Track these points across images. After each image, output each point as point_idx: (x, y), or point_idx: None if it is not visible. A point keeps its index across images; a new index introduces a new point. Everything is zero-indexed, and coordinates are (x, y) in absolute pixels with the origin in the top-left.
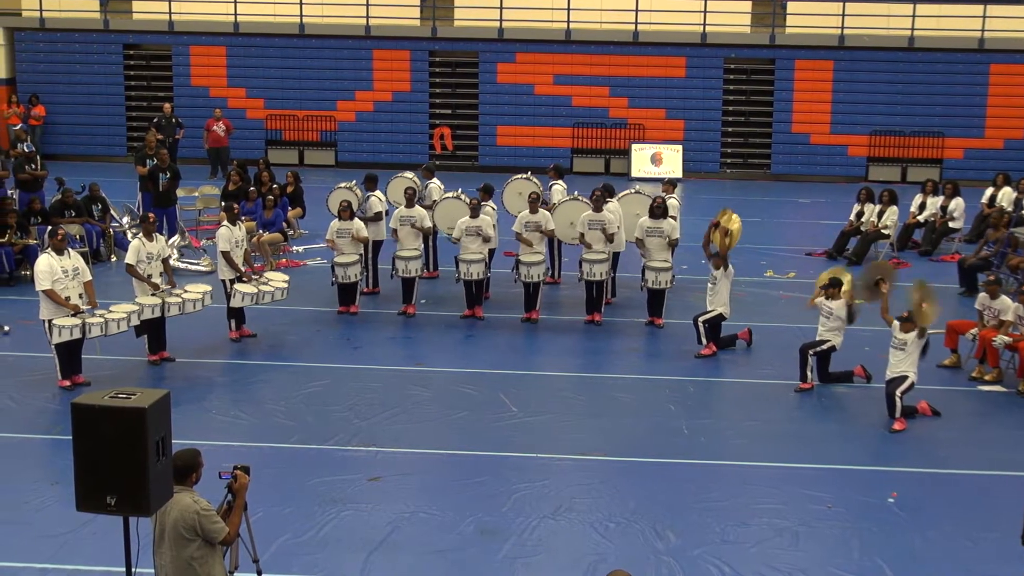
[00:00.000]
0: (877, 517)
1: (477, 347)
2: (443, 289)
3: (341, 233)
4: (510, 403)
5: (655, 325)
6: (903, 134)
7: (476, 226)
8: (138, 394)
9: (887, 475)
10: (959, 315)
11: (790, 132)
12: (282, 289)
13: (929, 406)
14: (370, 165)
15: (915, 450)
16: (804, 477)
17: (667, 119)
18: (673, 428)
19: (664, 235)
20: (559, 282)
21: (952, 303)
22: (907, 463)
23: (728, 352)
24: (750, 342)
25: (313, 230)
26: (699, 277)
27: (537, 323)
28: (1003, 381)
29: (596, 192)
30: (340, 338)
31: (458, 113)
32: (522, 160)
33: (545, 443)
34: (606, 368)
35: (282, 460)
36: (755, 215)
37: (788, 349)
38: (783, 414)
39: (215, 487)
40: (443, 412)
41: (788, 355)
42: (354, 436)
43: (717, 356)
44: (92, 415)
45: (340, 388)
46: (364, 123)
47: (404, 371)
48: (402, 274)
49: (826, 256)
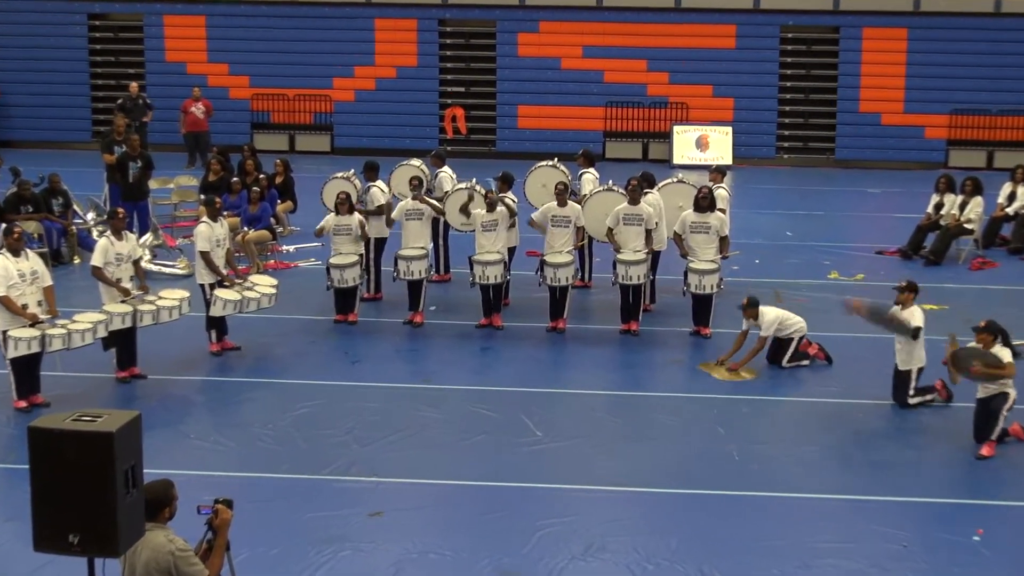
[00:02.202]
0: (961, 558)
1: (495, 361)
2: (455, 294)
3: (338, 230)
4: (533, 426)
5: (701, 335)
6: (989, 113)
7: (493, 221)
8: (105, 416)
9: (972, 509)
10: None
11: (857, 112)
12: (270, 295)
13: (1023, 428)
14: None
15: (1005, 480)
16: (875, 511)
17: (714, 97)
18: (722, 454)
19: (711, 231)
20: (590, 286)
21: None
22: (995, 495)
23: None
24: (827, 358)
25: (305, 227)
26: (751, 280)
27: (564, 333)
28: None
29: (633, 181)
30: (337, 351)
31: (472, 92)
32: (547, 145)
33: (574, 472)
34: (644, 385)
35: (270, 492)
36: (817, 208)
37: (855, 363)
38: (848, 437)
39: (193, 523)
40: (456, 436)
41: (854, 369)
42: (352, 464)
43: (773, 371)
44: (52, 440)
45: (336, 409)
46: (364, 104)
47: (410, 389)
48: (406, 277)
49: (900, 255)
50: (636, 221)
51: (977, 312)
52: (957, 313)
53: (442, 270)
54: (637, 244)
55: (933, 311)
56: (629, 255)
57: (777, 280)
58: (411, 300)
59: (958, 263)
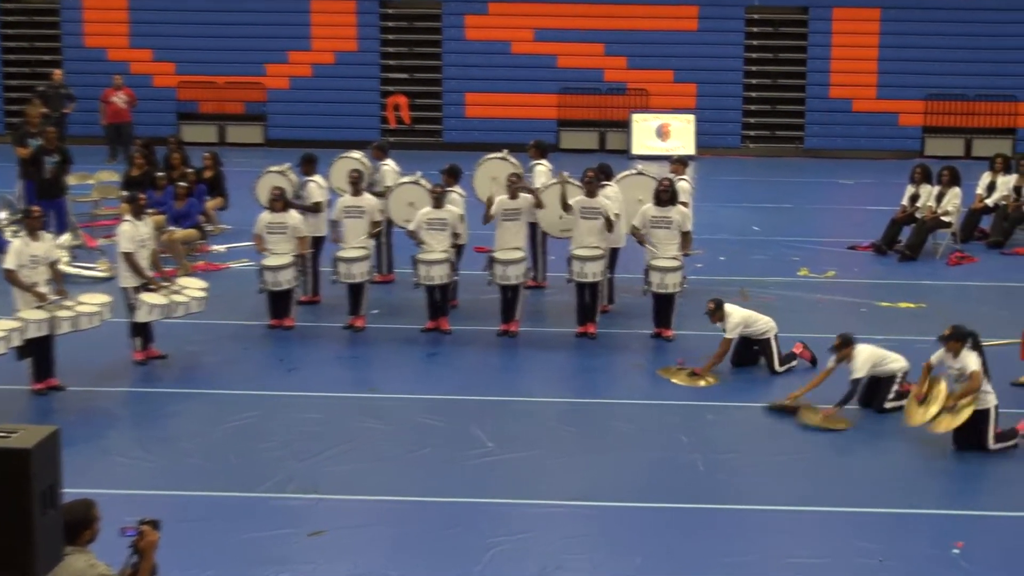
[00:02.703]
0: (940, 573)
1: (443, 368)
2: (399, 296)
3: (272, 228)
4: (484, 437)
5: (663, 338)
6: (967, 98)
7: (440, 218)
8: (20, 432)
9: (951, 520)
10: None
11: (827, 98)
12: (199, 299)
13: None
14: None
15: (985, 489)
16: (851, 523)
17: (675, 83)
18: (686, 464)
19: (673, 226)
20: (544, 286)
21: None
22: (975, 505)
23: (750, 370)
24: (812, 359)
25: (237, 224)
26: (716, 278)
27: (517, 337)
28: None
29: (589, 173)
30: (271, 359)
31: (417, 78)
32: (497, 136)
33: (528, 486)
34: (603, 392)
35: (201, 512)
36: (785, 200)
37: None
38: (821, 445)
39: (116, 547)
40: (401, 449)
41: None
42: (290, 480)
43: (740, 375)
44: None
45: (272, 421)
46: (300, 92)
47: (352, 399)
48: (346, 279)
49: (873, 250)
50: (593, 215)
51: (956, 310)
52: (935, 311)
53: (385, 270)
54: (594, 240)
55: (910, 309)
56: (586, 251)
57: (743, 278)
58: (351, 303)
59: (935, 258)
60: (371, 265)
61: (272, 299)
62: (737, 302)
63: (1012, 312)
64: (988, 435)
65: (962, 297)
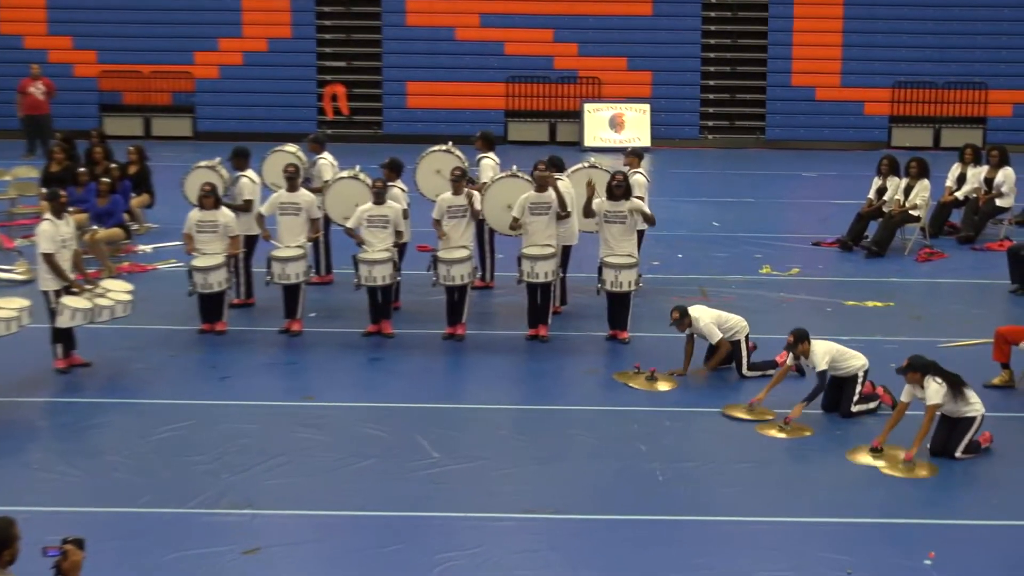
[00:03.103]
0: None
1: (385, 374)
2: (338, 298)
3: (202, 227)
4: (430, 447)
5: (619, 340)
6: (935, 86)
7: (381, 215)
8: None
9: (923, 529)
10: (1012, 319)
11: (789, 86)
12: (124, 302)
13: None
14: (240, 137)
15: (957, 497)
16: (818, 534)
17: (629, 71)
18: (644, 474)
19: (628, 221)
20: (492, 286)
21: (1002, 303)
22: (947, 514)
23: (714, 373)
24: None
25: (165, 223)
26: (673, 276)
27: (464, 340)
28: None
29: (539, 166)
30: (203, 366)
31: (355, 66)
32: (440, 127)
33: (477, 498)
34: (555, 398)
35: (128, 529)
36: (746, 194)
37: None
38: (786, 453)
39: (38, 567)
40: (341, 461)
41: (788, 376)
42: (223, 495)
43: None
44: None
45: (204, 432)
46: (230, 81)
47: (289, 407)
48: (281, 280)
49: (839, 246)
50: (544, 210)
51: (925, 309)
52: (903, 310)
53: (323, 271)
54: (544, 237)
55: (877, 308)
56: (536, 249)
57: (702, 277)
58: (287, 306)
59: (903, 254)
60: (308, 265)
61: (203, 302)
62: (702, 302)
63: (984, 310)
64: (961, 444)
65: (932, 295)
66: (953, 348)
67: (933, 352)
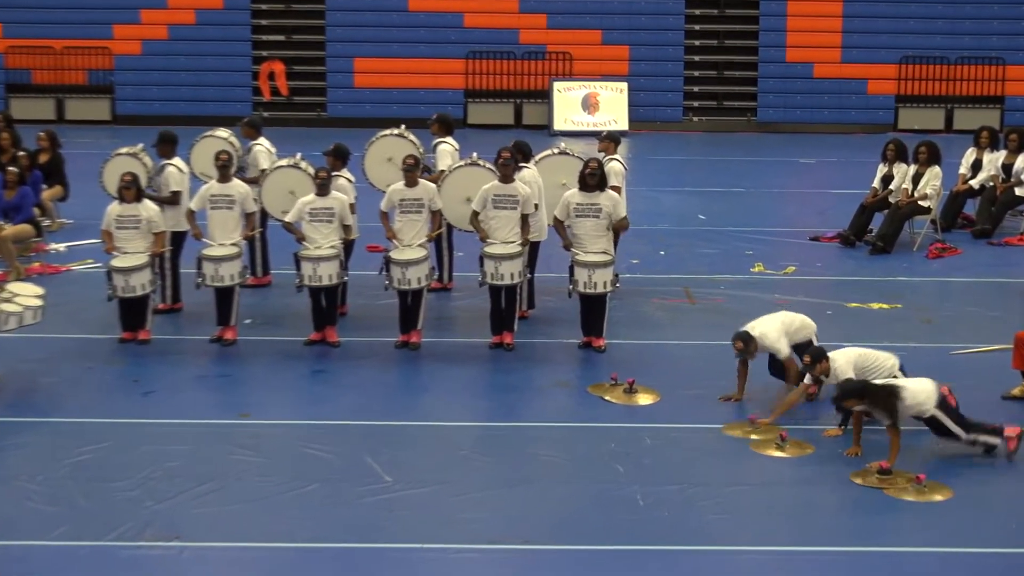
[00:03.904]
0: None
1: (331, 388)
2: (278, 302)
3: (123, 222)
4: (381, 469)
5: (593, 348)
6: (947, 62)
7: (325, 208)
8: None
9: (937, 559)
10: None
11: (784, 62)
12: (35, 308)
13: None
14: (165, 121)
15: (974, 522)
16: (820, 565)
17: (604, 45)
18: (623, 499)
19: (603, 215)
20: (450, 288)
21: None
22: (964, 541)
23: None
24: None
25: (81, 218)
26: (655, 276)
27: (419, 349)
28: None
29: (504, 154)
30: (124, 379)
31: (296, 41)
32: (392, 109)
33: (436, 528)
34: (522, 414)
35: (41, 564)
36: (736, 183)
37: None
38: (782, 475)
39: None
40: (282, 486)
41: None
42: (148, 525)
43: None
44: None
45: (125, 455)
46: (154, 58)
47: (222, 426)
48: (213, 282)
49: (840, 241)
50: (509, 204)
51: (937, 311)
52: (912, 312)
53: (260, 272)
54: (510, 233)
55: (883, 311)
56: (500, 247)
57: (687, 276)
58: (220, 311)
59: (912, 250)
60: (243, 265)
61: (124, 307)
62: (766, 318)
63: (1003, 313)
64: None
65: (944, 296)
66: (967, 356)
67: (945, 359)
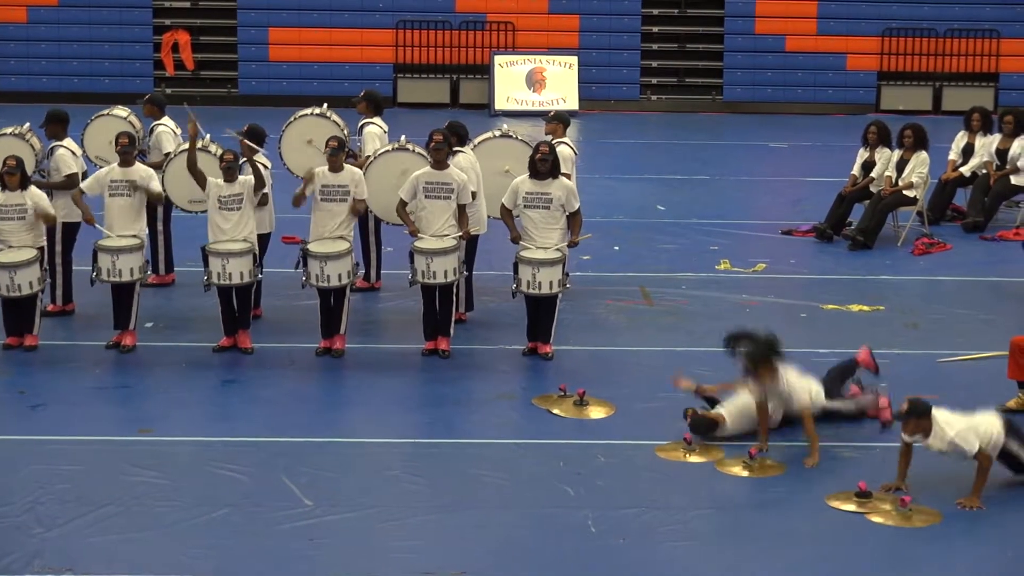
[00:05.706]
0: None
1: (243, 400)
2: (183, 303)
3: (6, 212)
4: (301, 493)
5: (540, 355)
6: (935, 35)
7: (235, 194)
8: None
9: None
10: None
11: (753, 34)
12: None
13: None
14: (55, 98)
15: (962, 550)
16: None
17: (551, 15)
18: (573, 525)
19: (554, 205)
20: (378, 287)
21: (1019, 306)
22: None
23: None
24: (875, 368)
25: None
26: (608, 274)
27: (343, 356)
28: None
29: (435, 136)
30: (9, 391)
31: (202, 8)
32: (312, 86)
33: (362, 558)
34: (460, 429)
35: None
36: (699, 170)
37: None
38: (753, 495)
39: None
40: (188, 511)
41: None
42: (36, 556)
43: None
44: None
45: (10, 476)
46: (41, 27)
47: (120, 443)
48: (110, 278)
49: (815, 235)
50: (443, 193)
51: (923, 314)
52: (896, 315)
53: (162, 269)
54: (444, 226)
55: (863, 313)
56: (433, 242)
57: (645, 275)
58: (118, 313)
59: (896, 245)
60: (144, 261)
61: (8, 309)
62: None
63: (996, 316)
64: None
65: (931, 296)
66: (957, 364)
67: (932, 368)
